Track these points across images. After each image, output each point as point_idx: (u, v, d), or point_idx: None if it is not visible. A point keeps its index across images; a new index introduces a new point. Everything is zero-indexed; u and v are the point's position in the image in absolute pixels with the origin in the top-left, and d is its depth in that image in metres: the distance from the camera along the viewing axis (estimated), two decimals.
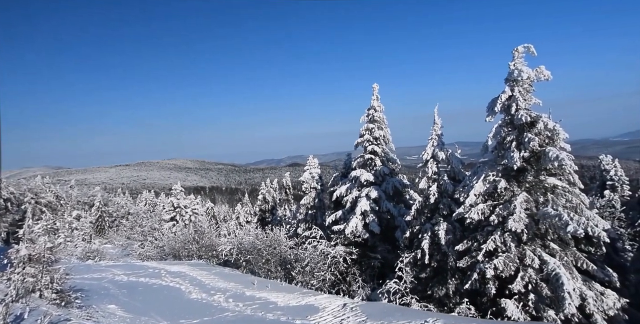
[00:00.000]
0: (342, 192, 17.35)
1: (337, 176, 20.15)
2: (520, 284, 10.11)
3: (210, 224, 27.13)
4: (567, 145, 10.70)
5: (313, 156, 23.45)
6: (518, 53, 10.96)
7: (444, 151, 13.73)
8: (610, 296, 9.84)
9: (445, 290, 12.29)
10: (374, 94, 17.38)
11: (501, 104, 11.10)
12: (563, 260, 10.14)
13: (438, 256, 12.88)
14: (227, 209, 63.84)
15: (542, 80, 10.86)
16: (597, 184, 24.87)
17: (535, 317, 9.89)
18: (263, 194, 36.58)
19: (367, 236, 16.11)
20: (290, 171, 53.48)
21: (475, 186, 11.23)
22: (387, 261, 15.74)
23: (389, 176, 17.11)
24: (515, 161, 10.59)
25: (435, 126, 13.96)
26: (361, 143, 17.45)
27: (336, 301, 10.23)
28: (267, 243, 15.64)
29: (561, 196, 10.47)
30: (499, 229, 10.76)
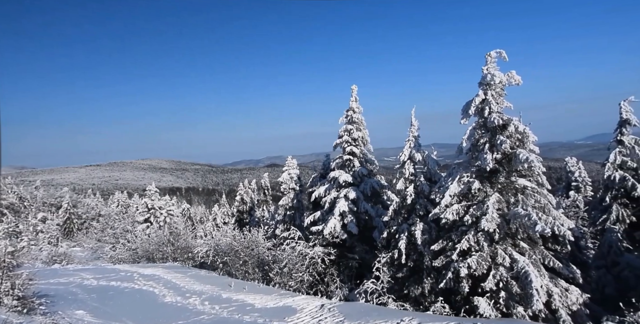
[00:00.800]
0: (321, 193, 17.37)
1: (315, 177, 20.16)
2: (492, 282, 10.41)
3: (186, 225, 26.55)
4: (536, 147, 11.12)
5: (292, 157, 23.36)
6: (491, 58, 11.31)
7: (420, 152, 13.99)
8: (573, 292, 10.28)
9: (421, 289, 12.51)
10: (353, 95, 17.51)
11: (475, 107, 11.41)
12: (532, 258, 10.53)
13: (414, 255, 13.10)
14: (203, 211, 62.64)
15: (513, 84, 11.25)
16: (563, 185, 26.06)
17: (506, 314, 10.22)
18: (241, 195, 36.11)
19: (345, 236, 16.19)
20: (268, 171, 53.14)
21: (450, 187, 11.50)
22: (365, 261, 15.87)
23: (367, 177, 17.26)
24: (488, 163, 10.91)
25: (412, 127, 14.19)
26: (340, 144, 17.53)
27: (314, 301, 10.21)
28: (245, 244, 15.44)
29: (530, 197, 10.86)
30: (472, 229, 11.04)
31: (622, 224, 16.08)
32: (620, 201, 16.47)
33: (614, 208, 16.42)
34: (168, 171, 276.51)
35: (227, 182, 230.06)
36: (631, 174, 16.28)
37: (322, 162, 20.55)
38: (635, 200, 16.21)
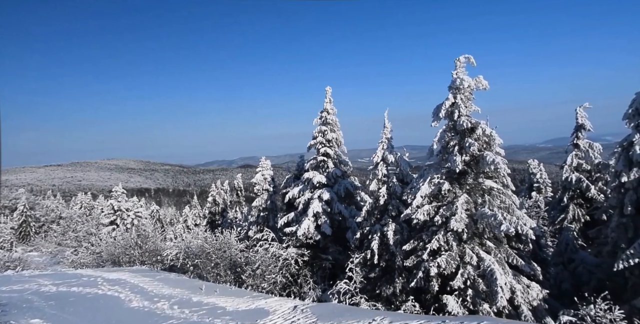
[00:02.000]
0: (295, 194, 17.31)
1: (289, 178, 20.07)
2: (460, 280, 10.75)
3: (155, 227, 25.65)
4: (502, 150, 11.61)
5: (265, 158, 23.17)
6: (460, 63, 11.71)
7: (393, 154, 14.24)
8: (534, 288, 10.80)
9: (393, 289, 12.72)
10: (327, 96, 17.59)
11: (445, 110, 11.76)
12: (497, 257, 10.96)
13: (386, 255, 13.30)
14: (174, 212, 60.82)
15: (481, 89, 11.70)
16: (526, 186, 27.40)
17: (473, 311, 10.57)
18: (213, 196, 35.34)
19: (319, 237, 16.21)
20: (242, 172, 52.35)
21: (422, 188, 11.78)
22: (338, 262, 15.95)
23: (341, 178, 17.38)
24: (458, 164, 11.28)
25: (385, 129, 14.43)
26: (314, 145, 17.55)
27: (287, 303, 10.14)
28: (217, 246, 15.12)
29: (496, 197, 11.31)
30: (442, 229, 11.36)
31: (577, 223, 17.12)
32: (576, 202, 17.52)
33: (571, 208, 17.45)
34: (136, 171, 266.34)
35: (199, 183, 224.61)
36: (586, 176, 17.38)
37: (296, 163, 20.50)
38: (589, 200, 17.30)
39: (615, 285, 11.40)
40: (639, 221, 11.19)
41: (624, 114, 11.54)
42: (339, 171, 17.30)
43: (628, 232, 11.37)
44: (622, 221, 11.62)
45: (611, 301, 8.67)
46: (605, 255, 12.73)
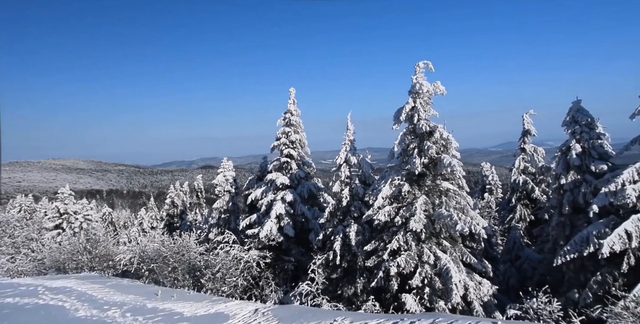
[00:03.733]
0: (258, 196, 17.08)
1: (252, 179, 19.79)
2: (419, 279, 11.14)
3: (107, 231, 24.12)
4: (458, 153, 12.19)
5: (227, 159, 22.66)
6: (419, 68, 12.18)
7: (356, 156, 14.49)
8: (485, 285, 11.44)
9: (354, 289, 12.91)
10: (291, 98, 17.57)
11: (405, 114, 12.17)
12: (452, 256, 11.48)
13: (348, 256, 13.48)
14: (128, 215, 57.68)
15: (439, 94, 12.24)
16: (479, 188, 29.04)
17: (429, 308, 10.99)
18: (171, 197, 33.94)
19: (282, 239, 16.10)
20: (202, 173, 50.76)
21: (383, 189, 12.08)
22: (301, 263, 15.93)
23: (305, 180, 17.39)
24: (417, 167, 11.70)
25: (348, 131, 14.65)
26: (277, 146, 17.43)
27: (248, 306, 9.96)
28: (175, 249, 14.53)
29: (453, 199, 11.86)
30: (402, 229, 11.71)
31: (524, 222, 18.38)
32: (522, 202, 18.81)
33: (518, 208, 18.70)
34: (86, 172, 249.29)
35: (156, 184, 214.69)
36: (531, 178, 18.72)
37: (259, 165, 20.25)
38: (534, 201, 18.63)
39: (555, 279, 12.36)
40: (575, 219, 12.23)
41: (563, 121, 12.58)
42: (302, 172, 17.30)
43: (566, 230, 12.39)
44: (561, 220, 12.64)
45: (551, 294, 9.40)
46: (547, 252, 13.77)
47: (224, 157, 22.83)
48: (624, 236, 9.39)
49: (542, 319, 8.84)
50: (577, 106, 12.32)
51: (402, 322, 7.37)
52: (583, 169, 12.04)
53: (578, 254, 10.29)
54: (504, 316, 10.02)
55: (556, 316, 8.80)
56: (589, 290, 10.04)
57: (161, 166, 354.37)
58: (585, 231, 10.45)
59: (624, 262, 9.53)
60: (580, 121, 12.19)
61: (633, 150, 10.56)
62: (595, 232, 10.12)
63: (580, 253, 10.20)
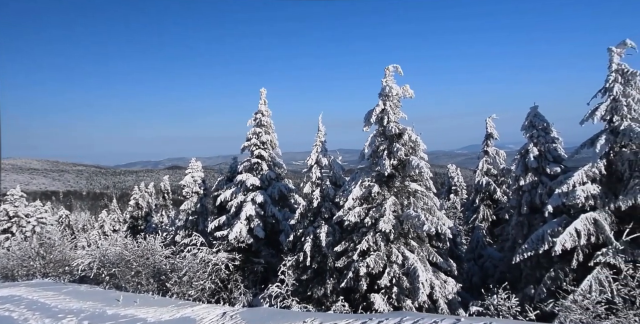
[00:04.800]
0: (227, 197, 16.78)
1: (222, 180, 19.43)
2: (387, 279, 11.35)
3: (64, 235, 22.77)
4: (425, 155, 12.55)
5: (196, 159, 22.11)
6: (389, 71, 12.45)
7: (327, 157, 14.57)
8: (450, 283, 11.84)
9: (324, 290, 12.96)
10: (262, 98, 17.42)
11: (376, 116, 12.39)
12: (420, 255, 11.80)
13: (319, 257, 13.52)
14: (87, 217, 54.73)
15: (407, 97, 12.56)
16: (445, 189, 30.08)
17: (397, 307, 11.23)
18: (136, 199, 32.60)
19: (252, 241, 15.90)
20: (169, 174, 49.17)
21: (353, 190, 12.23)
22: (271, 265, 15.79)
23: (275, 181, 17.28)
24: (386, 168, 11.94)
25: (319, 133, 14.71)
26: (248, 147, 17.22)
27: (215, 310, 9.74)
28: (139, 253, 13.97)
29: (420, 199, 12.20)
30: (372, 230, 11.90)
31: (486, 222, 19.23)
32: (485, 203, 19.68)
33: (481, 209, 19.55)
34: (40, 172, 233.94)
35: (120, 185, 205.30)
36: (493, 179, 19.62)
37: (229, 165, 19.92)
38: (495, 202, 19.54)
39: (514, 276, 13.02)
40: (532, 219, 12.93)
41: (522, 125, 13.28)
42: (273, 173, 17.18)
43: (524, 229, 13.08)
44: (519, 219, 13.33)
45: (510, 291, 9.88)
46: (507, 250, 14.45)
47: (193, 157, 22.28)
48: (574, 234, 10.03)
49: (502, 314, 9.27)
50: (535, 112, 13.05)
51: (370, 322, 7.48)
52: (540, 171, 12.77)
53: (534, 252, 10.88)
54: (467, 313, 10.42)
55: (514, 312, 9.26)
56: (544, 286, 10.64)
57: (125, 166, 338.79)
58: (540, 230, 11.08)
59: (574, 258, 10.18)
60: (537, 125, 12.92)
61: (583, 153, 11.33)
62: (549, 231, 10.74)
63: (537, 250, 10.79)
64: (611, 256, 9.56)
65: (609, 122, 10.62)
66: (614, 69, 10.57)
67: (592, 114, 10.69)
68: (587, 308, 8.23)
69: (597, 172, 10.35)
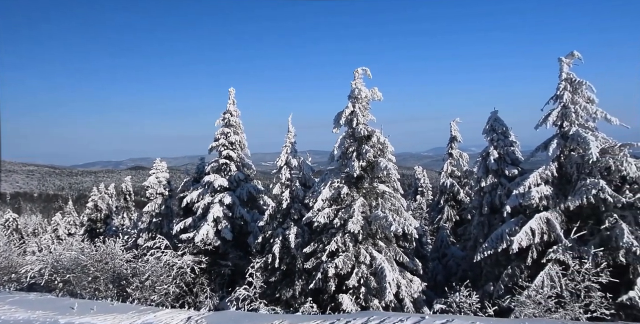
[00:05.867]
0: (194, 198, 16.33)
1: (188, 181, 18.88)
2: (355, 279, 11.48)
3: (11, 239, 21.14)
4: (393, 157, 12.84)
5: (161, 159, 21.31)
6: (358, 74, 12.65)
7: (296, 158, 14.54)
8: (416, 282, 12.17)
9: (292, 291, 12.90)
10: (230, 98, 17.15)
11: (345, 118, 12.53)
12: (387, 255, 12.04)
13: (288, 259, 13.44)
14: (39, 221, 51.21)
15: (376, 99, 12.81)
16: (412, 190, 30.96)
17: (364, 307, 11.38)
18: (94, 201, 30.92)
19: (219, 243, 15.56)
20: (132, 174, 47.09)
21: (323, 191, 12.28)
22: (239, 267, 15.51)
23: (244, 182, 17.02)
24: (355, 170, 12.09)
25: (289, 134, 14.66)
26: (216, 147, 16.86)
27: (179, 315, 9.43)
28: (97, 257, 13.27)
29: (388, 200, 12.45)
30: (341, 231, 11.99)
31: (450, 222, 19.95)
32: (449, 204, 20.41)
33: (445, 209, 20.27)
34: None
35: (76, 186, 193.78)
36: (457, 181, 20.41)
37: (196, 166, 19.40)
38: (459, 202, 20.33)
39: (475, 274, 13.61)
40: (492, 219, 13.59)
41: (483, 129, 13.94)
42: (242, 174, 16.91)
43: (485, 229, 13.71)
44: (481, 219, 13.97)
45: (471, 288, 10.33)
46: (469, 249, 15.08)
47: (157, 157, 21.44)
48: (529, 233, 10.65)
49: (463, 311, 9.66)
50: (495, 116, 13.73)
51: (338, 322, 7.54)
52: (499, 173, 13.45)
53: (494, 251, 11.43)
54: (431, 311, 10.76)
55: (474, 308, 9.68)
56: (502, 283, 11.20)
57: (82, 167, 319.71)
58: (499, 230, 11.66)
59: (529, 256, 10.81)
60: (497, 129, 13.61)
61: (537, 157, 12.08)
62: (507, 230, 11.33)
63: (496, 249, 11.34)
64: (561, 253, 10.23)
65: (560, 127, 11.38)
66: (564, 77, 11.35)
67: (545, 119, 11.42)
68: (540, 302, 8.77)
69: (549, 174, 11.05)
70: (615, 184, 10.50)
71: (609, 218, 10.13)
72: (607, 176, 10.49)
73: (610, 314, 8.78)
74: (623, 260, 9.69)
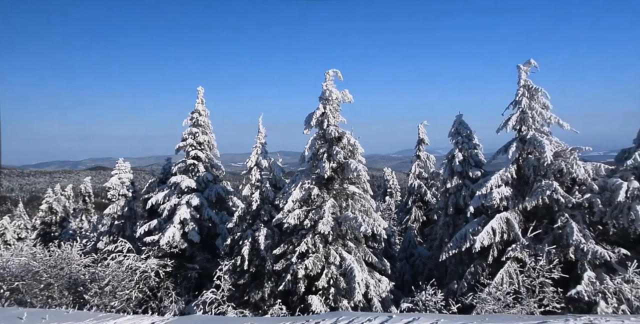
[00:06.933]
0: (159, 200, 15.77)
1: (153, 182, 18.23)
2: (325, 280, 11.52)
3: None
4: (363, 158, 13.02)
5: (124, 159, 20.42)
6: (329, 76, 12.74)
7: (267, 159, 14.40)
8: (384, 282, 12.39)
9: (262, 294, 12.74)
10: (199, 97, 16.76)
11: (316, 119, 12.58)
12: (357, 256, 12.17)
13: (257, 261, 13.27)
14: None
15: (347, 101, 12.95)
16: (381, 191, 31.54)
17: (333, 308, 11.44)
18: (49, 202, 29.09)
19: (186, 245, 15.12)
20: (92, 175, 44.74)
21: (293, 193, 12.24)
22: (206, 270, 15.13)
23: (213, 183, 16.65)
24: (326, 171, 12.15)
25: (259, 134, 14.51)
26: (183, 147, 16.39)
27: (142, 321, 9.03)
28: (51, 263, 12.47)
29: (358, 202, 12.60)
30: (311, 232, 12.00)
31: (418, 222, 20.51)
32: (417, 204, 20.98)
33: (413, 210, 20.81)
34: None
35: (28, 188, 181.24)
36: (424, 182, 21.02)
37: (162, 166, 18.79)
38: (426, 203, 20.95)
39: (440, 273, 14.07)
40: (457, 219, 14.11)
41: (449, 132, 14.46)
42: (210, 175, 16.53)
43: (450, 229, 14.22)
44: (446, 219, 14.47)
45: (436, 287, 10.66)
46: (435, 249, 15.57)
47: (120, 157, 20.52)
48: (491, 232, 11.16)
49: (429, 309, 9.94)
50: (460, 119, 14.29)
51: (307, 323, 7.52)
52: (464, 174, 14.00)
53: (458, 250, 11.87)
54: (398, 310, 10.99)
55: (439, 306, 10.00)
56: (465, 281, 11.65)
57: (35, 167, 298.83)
58: (463, 229, 12.13)
59: (490, 254, 11.32)
60: (462, 132, 14.17)
61: (499, 159, 12.69)
62: (471, 230, 11.81)
63: (460, 248, 11.78)
64: (519, 251, 10.80)
65: (519, 131, 12.02)
66: (522, 84, 12.02)
67: (506, 123, 12.03)
68: (499, 298, 9.20)
69: (509, 176, 11.64)
70: (566, 186, 11.24)
71: (561, 218, 10.82)
72: (559, 178, 11.19)
73: (561, 307, 9.37)
74: (572, 256, 10.37)
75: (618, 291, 9.37)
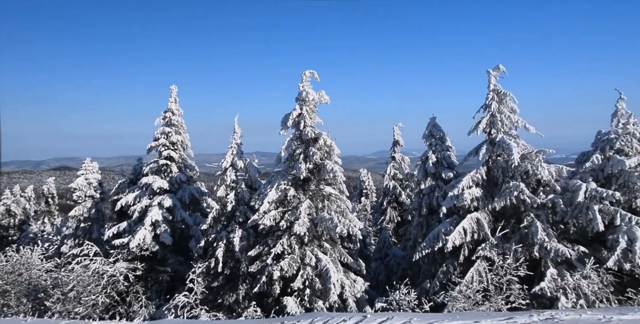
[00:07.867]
0: (130, 201, 15.22)
1: (123, 183, 17.58)
2: (300, 281, 11.47)
3: None
4: (339, 159, 13.09)
5: (91, 159, 19.56)
6: (306, 76, 12.74)
7: (243, 159, 14.21)
8: (359, 282, 12.49)
9: (236, 296, 12.54)
10: (172, 96, 16.33)
11: (292, 120, 12.54)
12: (332, 257, 12.21)
13: (231, 263, 13.05)
14: None
15: (323, 102, 12.99)
16: (357, 192, 31.84)
17: (309, 309, 11.41)
18: (7, 204, 27.46)
19: (157, 248, 14.67)
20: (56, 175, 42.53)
21: (269, 194, 12.13)
22: (179, 273, 14.71)
23: (186, 184, 16.25)
24: (302, 172, 12.13)
25: (235, 135, 14.30)
26: (156, 147, 15.91)
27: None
28: (8, 268, 11.75)
29: (334, 202, 12.65)
30: (287, 233, 11.93)
31: (392, 223, 20.84)
32: (392, 205, 21.32)
33: (388, 211, 21.13)
34: None
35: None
36: (399, 183, 21.40)
37: (132, 167, 18.16)
38: (401, 204, 21.32)
39: (413, 272, 14.34)
40: (430, 219, 14.45)
41: (423, 134, 14.79)
42: (184, 175, 16.12)
43: (423, 229, 14.53)
44: (420, 220, 14.78)
45: (410, 286, 10.86)
46: (409, 249, 15.87)
47: (87, 157, 19.64)
48: (462, 232, 11.51)
49: (402, 308, 10.11)
50: (433, 122, 14.66)
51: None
52: (437, 176, 14.36)
53: (431, 250, 12.16)
54: (373, 309, 11.10)
55: (412, 305, 10.19)
56: (437, 279, 11.95)
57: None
58: (436, 229, 12.43)
59: (461, 254, 11.68)
60: (435, 135, 14.53)
61: (470, 161, 13.11)
62: (443, 230, 12.12)
63: (433, 248, 12.07)
64: (488, 250, 11.18)
65: (489, 134, 12.48)
66: (492, 88, 12.49)
67: (477, 126, 12.45)
68: (469, 296, 9.49)
69: (480, 177, 12.05)
70: (532, 187, 11.76)
71: (527, 217, 11.31)
72: (526, 179, 11.70)
73: (526, 303, 9.78)
74: (537, 254, 10.86)
75: (577, 286, 9.88)
